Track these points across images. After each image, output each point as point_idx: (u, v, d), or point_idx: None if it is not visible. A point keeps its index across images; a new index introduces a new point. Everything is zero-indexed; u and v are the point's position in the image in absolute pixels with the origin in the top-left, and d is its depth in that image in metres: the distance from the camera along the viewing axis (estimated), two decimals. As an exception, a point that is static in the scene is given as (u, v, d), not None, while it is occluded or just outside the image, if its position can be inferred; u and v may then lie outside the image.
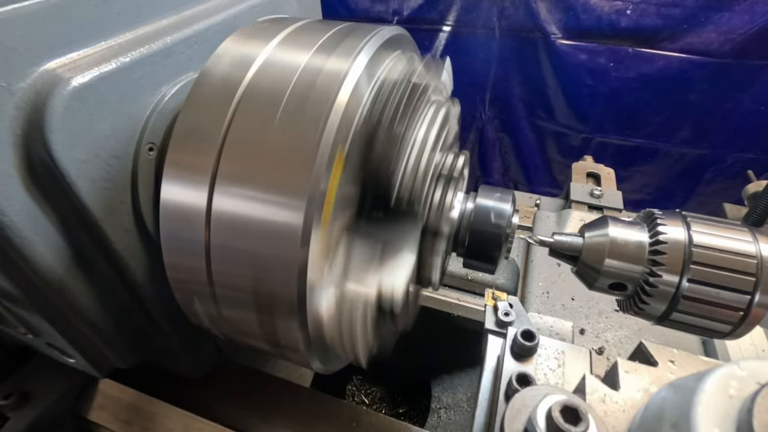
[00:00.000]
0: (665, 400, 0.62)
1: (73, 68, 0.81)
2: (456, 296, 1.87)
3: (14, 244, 0.80)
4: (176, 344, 1.19)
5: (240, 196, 0.73)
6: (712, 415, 0.51)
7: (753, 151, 3.35)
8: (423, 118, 0.85)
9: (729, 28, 2.93)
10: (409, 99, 0.81)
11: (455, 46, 3.59)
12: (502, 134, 4.00)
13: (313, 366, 0.91)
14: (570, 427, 0.59)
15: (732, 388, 0.53)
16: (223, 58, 0.83)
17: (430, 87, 0.90)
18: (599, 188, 2.01)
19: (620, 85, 3.34)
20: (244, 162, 0.74)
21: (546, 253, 0.91)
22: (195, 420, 1.36)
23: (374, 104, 0.80)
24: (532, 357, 0.91)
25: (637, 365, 0.76)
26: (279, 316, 0.79)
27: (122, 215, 0.92)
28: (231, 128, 0.76)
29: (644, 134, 3.53)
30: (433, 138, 0.83)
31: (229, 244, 0.75)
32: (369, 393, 2.59)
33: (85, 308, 0.96)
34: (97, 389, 1.45)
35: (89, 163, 0.83)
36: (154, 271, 1.01)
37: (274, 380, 1.50)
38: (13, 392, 1.36)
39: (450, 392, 2.22)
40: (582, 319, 1.48)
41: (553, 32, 3.30)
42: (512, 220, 0.96)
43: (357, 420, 1.38)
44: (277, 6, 1.28)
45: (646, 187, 3.80)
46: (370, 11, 3.61)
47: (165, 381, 1.44)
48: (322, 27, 0.89)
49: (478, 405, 0.94)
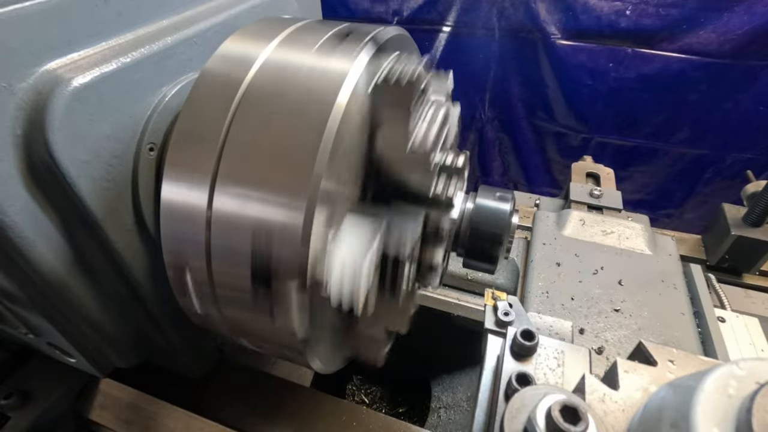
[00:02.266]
0: (664, 399, 0.62)
1: (73, 68, 0.81)
2: (456, 296, 1.87)
3: (15, 243, 0.80)
4: (177, 344, 1.19)
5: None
6: (711, 414, 0.51)
7: (752, 151, 3.36)
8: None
9: (728, 29, 2.93)
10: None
11: (455, 46, 3.59)
12: (502, 134, 4.00)
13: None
14: (569, 426, 0.59)
15: (731, 387, 0.53)
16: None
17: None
18: (599, 188, 2.01)
19: (620, 85, 3.34)
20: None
21: (546, 253, 0.91)
22: (195, 419, 1.36)
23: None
24: (531, 357, 0.91)
25: (637, 365, 0.76)
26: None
27: (123, 215, 0.93)
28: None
29: (643, 134, 3.54)
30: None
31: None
32: (369, 392, 2.59)
33: (86, 308, 0.97)
34: (98, 389, 1.45)
35: (90, 163, 0.83)
36: (154, 271, 1.01)
37: (275, 380, 1.51)
38: (14, 392, 1.36)
39: (450, 392, 2.22)
40: (581, 319, 1.48)
41: (553, 32, 3.31)
42: (512, 220, 0.96)
43: (357, 419, 1.38)
44: (277, 6, 1.28)
45: (646, 187, 3.81)
46: (370, 12, 3.62)
47: (166, 380, 1.44)
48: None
49: (478, 404, 0.94)
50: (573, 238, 1.78)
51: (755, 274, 2.02)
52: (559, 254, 1.70)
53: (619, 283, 1.60)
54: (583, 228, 1.82)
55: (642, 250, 1.74)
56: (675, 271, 1.67)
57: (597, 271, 1.65)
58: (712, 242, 2.06)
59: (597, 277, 1.63)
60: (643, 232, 1.79)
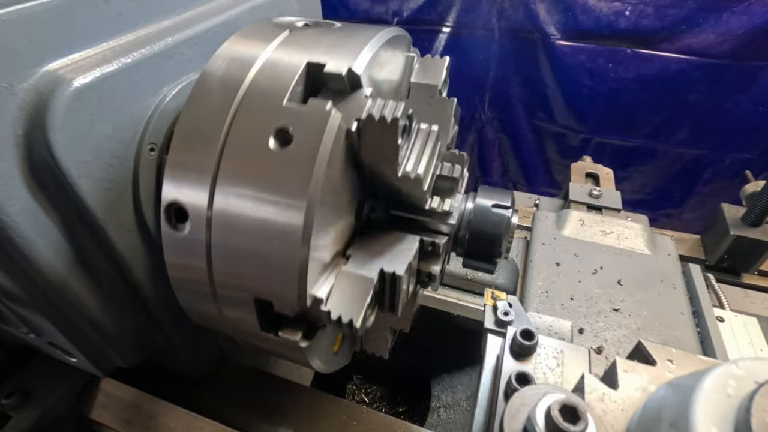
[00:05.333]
0: (664, 399, 0.62)
1: (74, 69, 0.81)
2: (455, 296, 1.87)
3: (16, 243, 0.80)
4: (177, 343, 1.19)
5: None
6: (710, 414, 0.51)
7: (751, 152, 3.36)
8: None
9: (727, 29, 2.94)
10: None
11: (455, 46, 3.59)
12: (502, 135, 4.01)
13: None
14: (569, 426, 0.59)
15: (730, 387, 0.53)
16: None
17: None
18: (598, 188, 2.02)
19: (619, 85, 3.34)
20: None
21: (545, 253, 0.92)
22: (196, 419, 1.36)
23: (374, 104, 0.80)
24: (531, 356, 0.91)
25: (636, 364, 0.76)
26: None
27: (123, 215, 0.93)
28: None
29: (643, 135, 3.54)
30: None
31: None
32: (369, 392, 2.60)
33: (87, 308, 0.97)
34: (99, 388, 1.45)
35: (91, 163, 0.84)
36: (155, 271, 1.01)
37: (275, 379, 1.51)
38: (15, 391, 1.36)
39: (450, 391, 2.23)
40: (581, 319, 1.49)
41: (552, 33, 3.31)
42: (511, 220, 0.96)
43: (357, 419, 1.39)
44: (277, 7, 1.28)
45: (645, 187, 3.81)
46: (370, 12, 3.62)
47: (166, 380, 1.44)
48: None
49: (478, 404, 0.94)
50: (572, 238, 1.78)
51: (754, 274, 2.03)
52: (558, 254, 1.70)
53: (618, 282, 1.61)
54: (582, 228, 1.83)
55: (641, 250, 1.74)
56: (674, 271, 1.67)
57: (596, 270, 1.65)
58: (711, 242, 2.06)
59: (596, 276, 1.63)
60: (642, 232, 1.80)
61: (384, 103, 0.72)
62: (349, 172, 0.79)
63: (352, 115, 0.72)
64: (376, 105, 0.72)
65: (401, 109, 0.71)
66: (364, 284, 0.77)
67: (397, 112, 0.70)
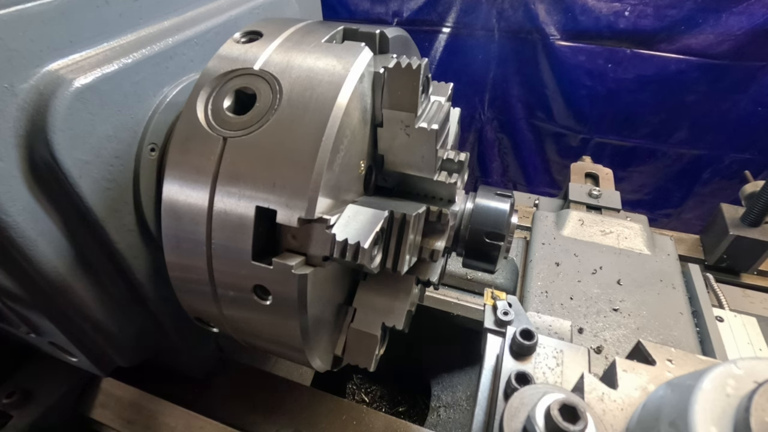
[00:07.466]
0: (663, 398, 0.62)
1: (75, 69, 0.81)
2: (455, 295, 1.88)
3: (17, 243, 0.80)
4: (178, 343, 1.19)
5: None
6: (709, 413, 0.51)
7: (750, 152, 3.36)
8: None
9: (726, 30, 2.94)
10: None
11: (454, 47, 3.59)
12: (501, 135, 4.01)
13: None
14: (568, 425, 0.60)
15: (729, 386, 0.53)
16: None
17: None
18: (597, 188, 2.02)
19: (618, 86, 3.35)
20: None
21: (545, 253, 0.92)
22: (196, 418, 1.37)
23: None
24: (530, 356, 0.91)
25: (635, 364, 0.76)
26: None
27: (124, 215, 0.93)
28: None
29: (642, 135, 3.54)
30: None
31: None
32: (369, 391, 2.60)
33: (88, 307, 0.97)
34: (100, 388, 1.46)
35: (91, 163, 0.84)
36: (155, 271, 1.02)
37: (275, 379, 1.51)
38: (15, 391, 1.37)
39: (449, 391, 2.23)
40: (580, 319, 1.49)
41: (552, 33, 3.31)
42: (511, 220, 0.96)
43: (357, 418, 1.39)
44: (277, 7, 1.28)
45: (644, 187, 3.82)
46: (370, 13, 3.62)
47: (167, 379, 1.45)
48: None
49: (478, 403, 0.94)
50: (572, 238, 1.78)
51: (753, 274, 2.03)
52: (558, 254, 1.71)
53: (617, 282, 1.61)
54: (582, 228, 1.83)
55: (641, 249, 1.75)
56: (673, 271, 1.68)
57: (596, 270, 1.65)
58: (711, 242, 2.07)
59: (596, 276, 1.63)
60: (641, 232, 1.80)
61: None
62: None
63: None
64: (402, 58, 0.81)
65: (424, 63, 0.80)
66: (374, 216, 0.75)
67: (420, 64, 0.79)
